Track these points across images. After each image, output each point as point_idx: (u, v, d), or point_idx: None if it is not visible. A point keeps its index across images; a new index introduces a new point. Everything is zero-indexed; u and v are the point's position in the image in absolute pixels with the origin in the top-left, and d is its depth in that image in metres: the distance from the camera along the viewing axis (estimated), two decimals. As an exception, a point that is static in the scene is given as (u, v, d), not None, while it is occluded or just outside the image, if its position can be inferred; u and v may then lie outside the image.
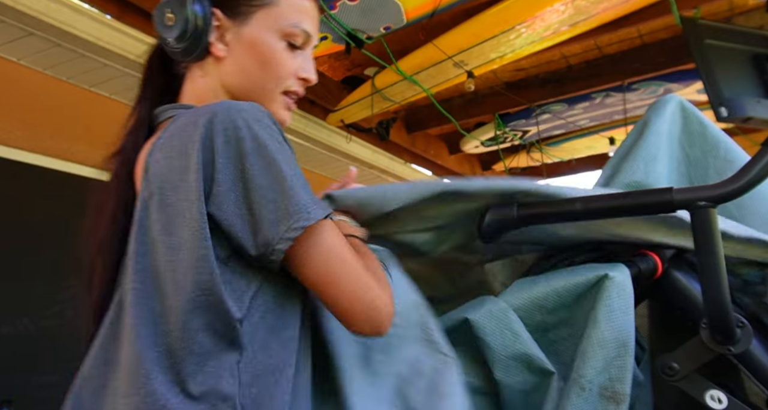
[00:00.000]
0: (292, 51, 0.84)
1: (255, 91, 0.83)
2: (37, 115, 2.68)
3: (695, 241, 0.81)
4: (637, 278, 0.91)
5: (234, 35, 0.82)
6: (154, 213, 0.68)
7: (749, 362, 0.84)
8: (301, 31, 0.83)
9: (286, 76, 0.84)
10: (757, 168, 0.79)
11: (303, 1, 0.84)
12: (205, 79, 0.83)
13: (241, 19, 0.81)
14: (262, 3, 0.81)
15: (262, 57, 0.81)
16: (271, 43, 0.81)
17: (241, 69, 0.81)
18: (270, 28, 0.81)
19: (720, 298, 0.79)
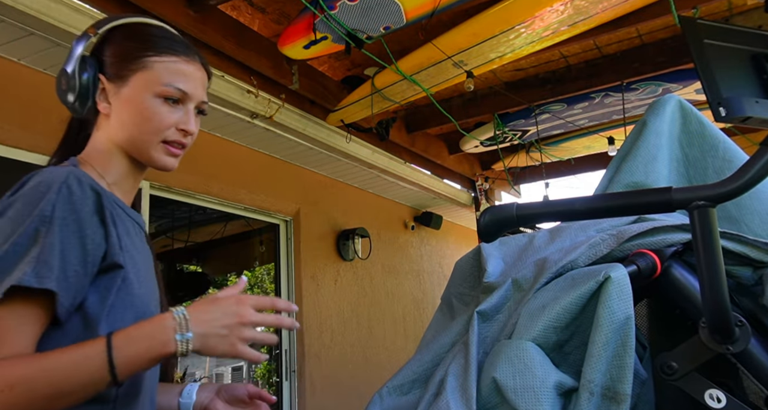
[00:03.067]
0: (171, 106, 0.95)
1: (136, 141, 0.95)
2: (37, 115, 2.68)
3: (694, 240, 0.81)
4: (636, 277, 0.91)
5: (115, 95, 0.95)
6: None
7: (748, 361, 0.84)
8: (174, 90, 0.95)
9: (163, 128, 0.95)
10: (756, 168, 0.79)
11: (177, 64, 0.97)
12: (99, 133, 0.98)
13: (121, 82, 0.95)
14: (137, 68, 0.94)
15: (137, 113, 0.94)
16: (145, 101, 0.94)
17: (123, 123, 0.95)
18: (145, 88, 0.94)
19: (719, 297, 0.79)
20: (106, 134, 0.97)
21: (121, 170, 0.97)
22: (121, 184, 0.97)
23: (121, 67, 0.95)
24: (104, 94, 0.96)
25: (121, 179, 0.97)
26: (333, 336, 4.35)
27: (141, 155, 0.96)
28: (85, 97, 0.95)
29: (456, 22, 2.82)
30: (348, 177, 4.69)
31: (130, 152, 0.96)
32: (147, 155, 0.96)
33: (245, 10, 2.97)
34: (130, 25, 1.00)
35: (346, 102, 3.38)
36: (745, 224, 1.11)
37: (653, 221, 1.03)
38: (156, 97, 0.94)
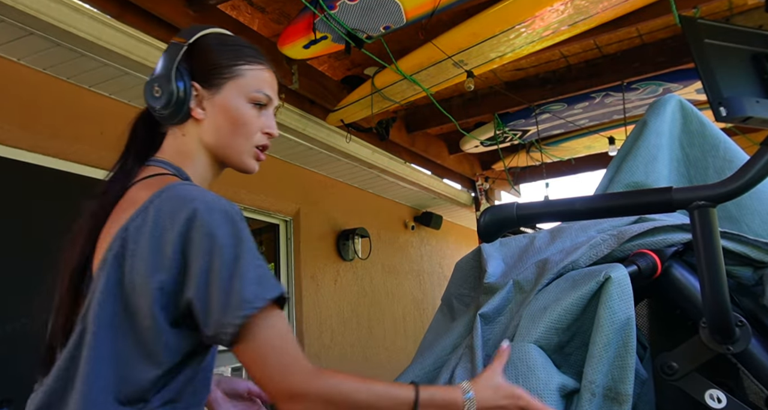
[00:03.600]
0: (258, 110, 1.02)
1: (228, 146, 1.00)
2: (37, 115, 2.68)
3: (694, 240, 0.81)
4: (637, 277, 0.91)
5: (209, 102, 0.99)
6: (121, 272, 0.84)
7: (748, 361, 0.84)
8: (263, 96, 1.01)
9: (254, 132, 1.01)
10: (756, 168, 0.79)
11: (263, 72, 1.03)
12: (186, 138, 1.00)
13: (215, 89, 0.99)
14: (231, 75, 1.00)
15: (232, 118, 0.99)
16: (240, 107, 1.00)
17: (216, 129, 0.99)
18: (239, 94, 1.00)
19: (719, 297, 0.79)
20: (196, 137, 1.00)
21: (203, 173, 1.02)
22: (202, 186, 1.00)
23: (215, 74, 1.00)
24: (199, 100, 1.00)
25: (202, 182, 1.01)
26: (333, 336, 4.35)
27: (230, 159, 1.01)
28: (181, 103, 0.98)
29: (456, 21, 2.82)
30: (348, 177, 4.69)
31: (220, 155, 1.01)
32: (238, 158, 1.01)
33: (245, 9, 2.97)
34: (217, 34, 1.05)
35: (346, 102, 3.38)
36: (745, 224, 1.11)
37: (654, 222, 1.03)
38: (248, 103, 1.00)
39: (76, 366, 0.81)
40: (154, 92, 0.98)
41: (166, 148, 1.02)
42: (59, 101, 2.78)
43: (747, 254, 0.94)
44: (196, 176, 1.00)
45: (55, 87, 2.77)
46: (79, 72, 2.74)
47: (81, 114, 2.86)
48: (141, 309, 0.82)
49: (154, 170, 0.97)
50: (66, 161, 2.76)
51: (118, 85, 2.88)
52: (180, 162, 1.00)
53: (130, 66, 2.64)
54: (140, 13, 2.48)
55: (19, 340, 2.45)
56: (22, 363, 2.46)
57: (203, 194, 0.86)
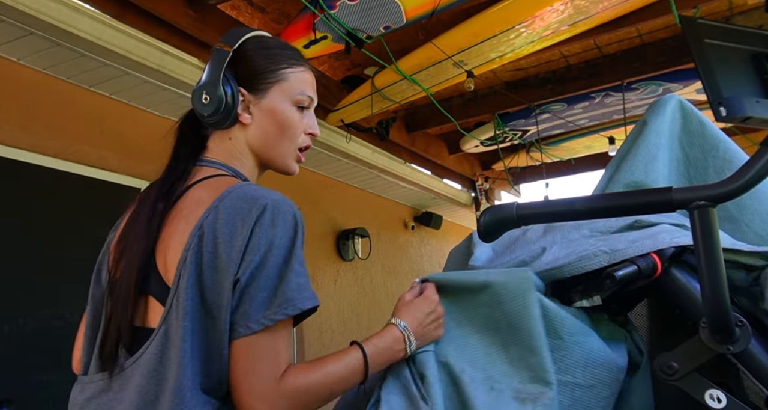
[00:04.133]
0: (301, 112, 1.04)
1: (275, 149, 1.03)
2: (37, 115, 2.68)
3: (694, 240, 0.81)
4: (637, 278, 0.91)
5: (256, 107, 1.02)
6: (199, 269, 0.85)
7: (748, 361, 0.84)
8: (306, 97, 1.04)
9: (298, 134, 1.04)
10: (756, 168, 0.79)
11: (305, 73, 1.05)
12: (233, 142, 1.03)
13: (261, 94, 1.02)
14: (275, 80, 1.02)
15: (279, 122, 1.02)
16: (286, 110, 1.02)
17: (264, 132, 1.02)
18: (284, 98, 1.02)
19: (719, 297, 0.79)
20: (243, 142, 1.03)
21: (248, 175, 1.04)
22: None
23: (260, 79, 1.02)
24: (246, 105, 1.02)
25: None
26: (333, 336, 4.35)
27: (275, 161, 1.05)
28: (229, 109, 0.99)
29: (456, 21, 2.82)
30: (348, 177, 4.69)
31: (264, 157, 1.04)
32: (282, 161, 1.05)
33: (245, 9, 2.97)
34: (259, 38, 1.06)
35: (346, 102, 3.38)
36: (745, 224, 1.10)
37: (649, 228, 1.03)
38: (293, 106, 1.03)
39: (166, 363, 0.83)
40: (203, 99, 0.99)
41: (215, 150, 1.04)
42: (59, 101, 2.78)
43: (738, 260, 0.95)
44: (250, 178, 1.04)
45: (55, 87, 2.77)
46: (79, 72, 2.74)
47: (81, 114, 2.86)
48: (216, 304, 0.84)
49: (210, 170, 0.99)
50: (66, 161, 2.76)
51: (118, 85, 2.88)
52: (230, 164, 1.02)
53: (130, 66, 2.64)
54: (140, 13, 2.48)
55: (19, 340, 2.45)
56: (22, 363, 2.46)
57: (270, 194, 0.90)
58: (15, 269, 2.52)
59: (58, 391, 2.53)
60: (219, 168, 1.00)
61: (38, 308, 2.55)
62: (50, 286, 2.61)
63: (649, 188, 1.15)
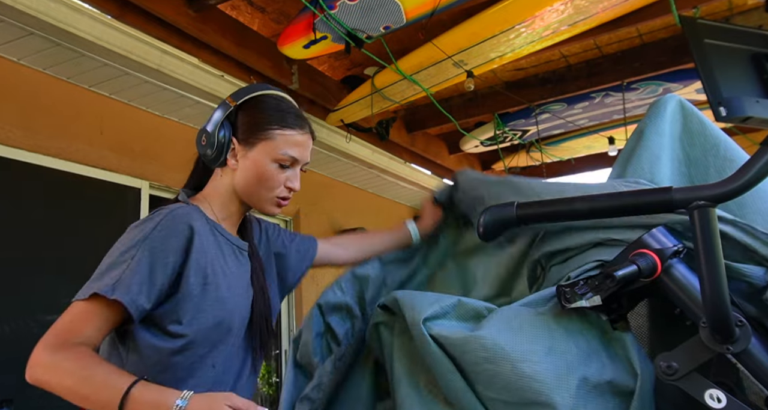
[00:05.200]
0: (282, 169, 1.18)
1: (252, 195, 1.19)
2: (37, 115, 2.68)
3: (694, 240, 0.81)
4: (636, 277, 0.91)
5: (242, 156, 1.17)
6: None
7: (748, 361, 0.84)
8: (288, 157, 1.17)
9: (275, 186, 1.18)
10: (757, 167, 0.79)
11: (294, 136, 1.19)
12: (222, 179, 1.20)
13: (249, 147, 1.17)
14: (263, 137, 1.16)
15: (258, 174, 1.16)
16: (265, 165, 1.16)
17: (245, 179, 1.17)
18: (267, 155, 1.16)
19: (719, 297, 0.79)
20: (229, 182, 1.19)
21: (233, 210, 1.20)
22: (230, 219, 1.21)
23: (250, 134, 1.17)
24: (234, 153, 1.18)
25: (230, 216, 1.21)
26: (333, 335, 4.34)
27: (254, 204, 1.20)
28: (220, 153, 1.16)
29: (456, 21, 2.82)
30: (348, 177, 4.69)
31: (246, 200, 1.20)
32: (259, 205, 1.20)
33: (245, 9, 2.97)
34: (261, 97, 1.21)
35: (346, 102, 3.38)
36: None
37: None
38: (273, 162, 1.16)
39: None
40: (202, 140, 1.18)
41: (208, 183, 1.22)
42: (59, 101, 2.78)
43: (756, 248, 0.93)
44: (223, 209, 1.19)
45: (55, 87, 2.77)
46: (79, 72, 2.74)
47: (81, 114, 2.86)
48: None
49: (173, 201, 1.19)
50: (66, 160, 2.76)
51: (118, 85, 2.88)
52: (214, 200, 1.20)
53: (130, 66, 2.64)
54: (140, 13, 2.48)
55: (19, 340, 2.45)
56: (23, 363, 2.46)
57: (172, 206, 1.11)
58: (15, 269, 2.52)
59: (58, 391, 2.53)
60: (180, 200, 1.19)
61: (38, 308, 2.55)
62: (50, 286, 2.61)
63: (650, 188, 1.15)
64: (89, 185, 2.84)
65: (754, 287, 0.94)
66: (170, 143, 3.25)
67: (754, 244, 0.93)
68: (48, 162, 2.69)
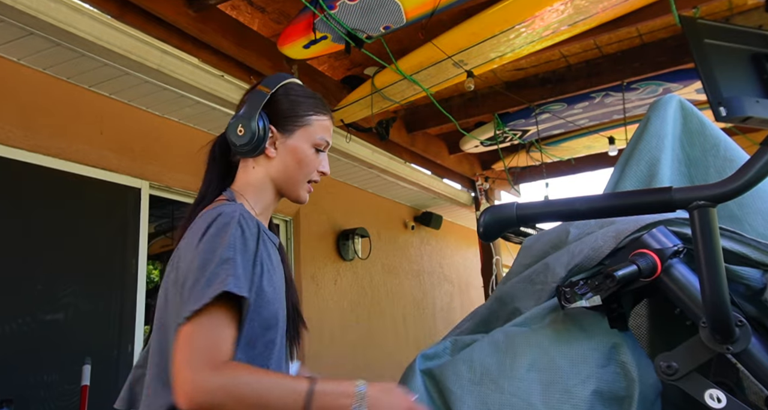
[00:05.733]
0: (317, 154, 1.21)
1: (290, 181, 1.20)
2: (37, 115, 2.68)
3: (694, 240, 0.81)
4: (637, 277, 0.91)
5: (282, 143, 1.19)
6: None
7: (748, 361, 0.84)
8: (324, 142, 1.21)
9: (312, 171, 1.21)
10: (757, 167, 0.79)
11: (326, 122, 1.23)
12: (256, 170, 1.19)
13: (288, 133, 1.19)
14: (302, 124, 1.19)
15: (299, 159, 1.19)
16: (305, 150, 1.19)
17: (284, 166, 1.19)
18: (306, 140, 1.19)
19: (719, 297, 0.79)
20: (265, 172, 1.19)
21: (267, 201, 1.21)
22: (265, 213, 1.21)
23: (289, 121, 1.19)
24: (272, 141, 1.18)
25: (265, 209, 1.21)
26: (333, 336, 4.35)
27: (289, 191, 1.21)
28: (259, 143, 1.15)
29: (456, 21, 2.82)
30: (348, 177, 4.69)
31: (281, 187, 1.21)
32: (295, 191, 1.21)
33: (245, 9, 2.97)
34: (293, 86, 1.24)
35: (346, 102, 3.38)
36: (747, 224, 1.11)
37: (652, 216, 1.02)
38: (311, 147, 1.20)
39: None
40: (238, 131, 1.15)
41: (238, 178, 1.20)
42: (59, 101, 2.78)
43: (746, 254, 0.94)
44: (258, 203, 1.18)
45: (55, 87, 2.77)
46: (79, 72, 2.74)
47: (81, 114, 2.86)
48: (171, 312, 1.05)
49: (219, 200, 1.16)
50: (66, 160, 2.76)
51: (118, 85, 2.88)
52: (250, 193, 1.18)
53: (130, 66, 2.64)
54: (140, 13, 2.48)
55: (19, 340, 2.45)
56: (22, 363, 2.46)
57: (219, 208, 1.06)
58: (15, 269, 2.52)
59: (58, 391, 2.52)
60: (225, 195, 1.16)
61: (38, 308, 2.55)
62: (50, 286, 2.61)
63: (650, 188, 1.16)
64: (89, 185, 2.84)
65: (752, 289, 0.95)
66: (170, 143, 3.24)
67: (744, 250, 0.94)
68: (48, 162, 2.69)
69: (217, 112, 3.17)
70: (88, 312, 2.72)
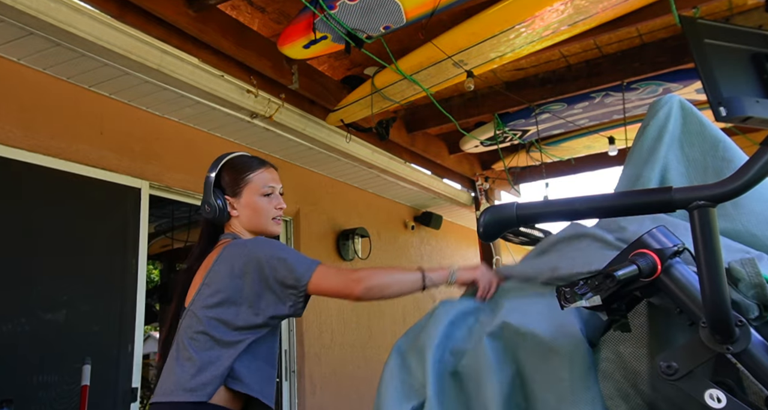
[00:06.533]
0: (268, 197, 1.60)
1: (257, 225, 1.60)
2: (37, 115, 2.68)
3: (694, 240, 0.81)
4: (636, 277, 0.91)
5: (237, 204, 1.60)
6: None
7: (748, 361, 0.84)
8: (269, 188, 1.61)
9: (269, 212, 1.60)
10: (756, 168, 0.79)
11: (263, 173, 1.62)
12: (233, 224, 1.61)
13: (238, 195, 1.60)
14: (244, 184, 1.59)
15: (254, 209, 1.59)
16: (256, 201, 1.59)
17: (247, 218, 1.60)
18: (253, 194, 1.59)
19: (719, 297, 0.79)
20: (239, 224, 1.60)
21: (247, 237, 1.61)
22: None
23: (235, 187, 1.59)
24: (231, 206, 1.59)
25: None
26: (333, 336, 4.35)
27: (261, 231, 1.60)
28: (223, 209, 1.58)
29: (456, 21, 2.82)
30: (348, 177, 4.69)
31: (254, 230, 1.61)
32: (265, 229, 1.60)
33: (245, 9, 2.97)
34: (230, 160, 1.63)
35: (345, 102, 3.38)
36: (741, 224, 1.11)
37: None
38: (261, 196, 1.59)
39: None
40: (206, 210, 1.59)
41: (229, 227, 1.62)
42: (59, 101, 2.78)
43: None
44: None
45: (55, 87, 2.77)
46: (79, 72, 2.74)
47: (81, 114, 2.86)
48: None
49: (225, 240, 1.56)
50: (66, 160, 2.76)
51: (118, 85, 2.88)
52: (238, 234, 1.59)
53: (130, 66, 2.64)
54: (140, 13, 2.48)
55: (19, 340, 2.45)
56: (23, 363, 2.46)
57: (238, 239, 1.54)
58: (15, 269, 2.52)
59: (58, 391, 2.52)
60: (229, 237, 1.57)
61: (38, 308, 2.55)
62: (50, 286, 2.61)
63: (650, 188, 1.16)
64: (89, 185, 2.84)
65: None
66: (170, 143, 3.25)
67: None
68: (48, 162, 2.70)
69: (217, 112, 3.17)
70: (88, 312, 2.72)
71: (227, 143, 3.62)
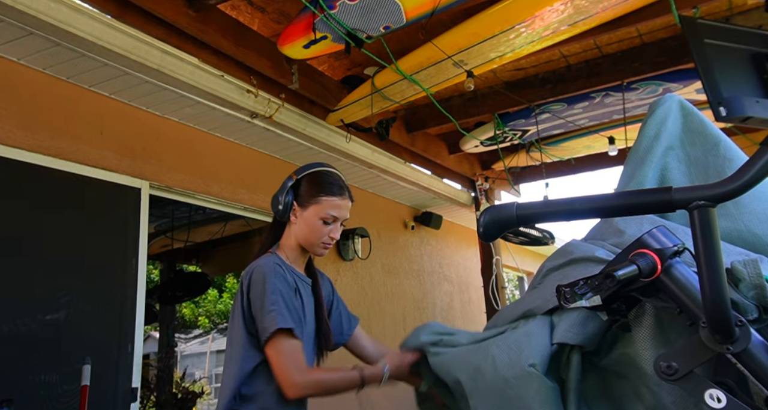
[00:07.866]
0: (326, 225, 1.66)
1: (306, 241, 1.67)
2: (37, 115, 2.68)
3: (694, 240, 0.81)
4: (636, 277, 0.91)
5: (299, 214, 1.67)
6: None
7: (748, 361, 0.84)
8: (331, 217, 1.66)
9: (321, 237, 1.67)
10: (756, 167, 0.79)
11: (336, 201, 1.67)
12: (290, 230, 1.69)
13: (304, 208, 1.66)
14: (314, 202, 1.65)
15: (309, 226, 1.66)
16: (314, 221, 1.65)
17: (301, 230, 1.67)
18: (315, 214, 1.65)
19: (719, 297, 0.79)
20: (293, 234, 1.68)
21: (297, 254, 1.69)
22: (296, 261, 1.68)
23: (305, 199, 1.66)
24: (294, 212, 1.67)
25: (296, 259, 1.69)
26: (333, 335, 4.34)
27: (307, 247, 1.68)
28: (285, 212, 1.66)
29: (456, 21, 2.82)
30: (348, 177, 4.65)
31: (302, 244, 1.68)
32: (311, 248, 1.68)
33: (245, 9, 2.97)
34: (317, 173, 1.70)
35: (345, 102, 3.38)
36: (743, 223, 1.11)
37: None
38: (320, 220, 1.65)
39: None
40: (278, 203, 1.67)
41: (284, 238, 1.70)
42: (59, 101, 2.78)
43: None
44: (291, 253, 1.68)
45: (55, 87, 2.77)
46: (79, 72, 2.74)
47: (81, 114, 2.86)
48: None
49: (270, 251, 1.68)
50: (66, 160, 2.76)
51: (118, 85, 2.88)
52: (286, 248, 1.68)
53: (130, 66, 2.64)
54: (140, 13, 2.48)
55: (19, 340, 2.45)
56: (23, 363, 2.46)
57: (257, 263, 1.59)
58: (15, 269, 2.52)
59: (58, 391, 2.52)
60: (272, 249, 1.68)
61: (38, 308, 2.55)
62: (50, 286, 2.61)
63: (650, 188, 1.16)
64: (89, 185, 2.84)
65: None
66: (170, 143, 3.24)
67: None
68: (48, 162, 2.69)
69: (217, 112, 3.17)
70: (88, 312, 2.72)
71: (227, 143, 3.62)
